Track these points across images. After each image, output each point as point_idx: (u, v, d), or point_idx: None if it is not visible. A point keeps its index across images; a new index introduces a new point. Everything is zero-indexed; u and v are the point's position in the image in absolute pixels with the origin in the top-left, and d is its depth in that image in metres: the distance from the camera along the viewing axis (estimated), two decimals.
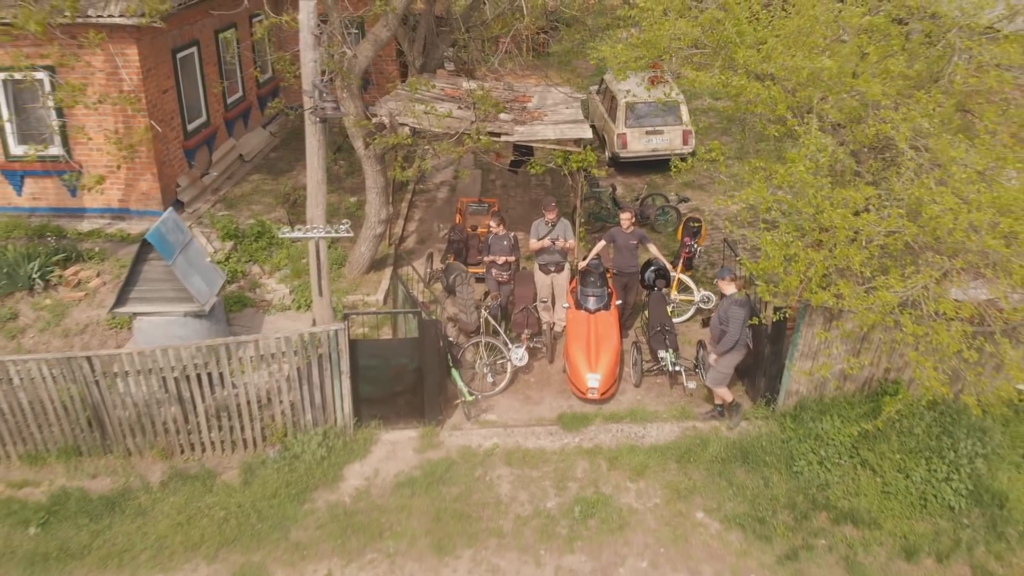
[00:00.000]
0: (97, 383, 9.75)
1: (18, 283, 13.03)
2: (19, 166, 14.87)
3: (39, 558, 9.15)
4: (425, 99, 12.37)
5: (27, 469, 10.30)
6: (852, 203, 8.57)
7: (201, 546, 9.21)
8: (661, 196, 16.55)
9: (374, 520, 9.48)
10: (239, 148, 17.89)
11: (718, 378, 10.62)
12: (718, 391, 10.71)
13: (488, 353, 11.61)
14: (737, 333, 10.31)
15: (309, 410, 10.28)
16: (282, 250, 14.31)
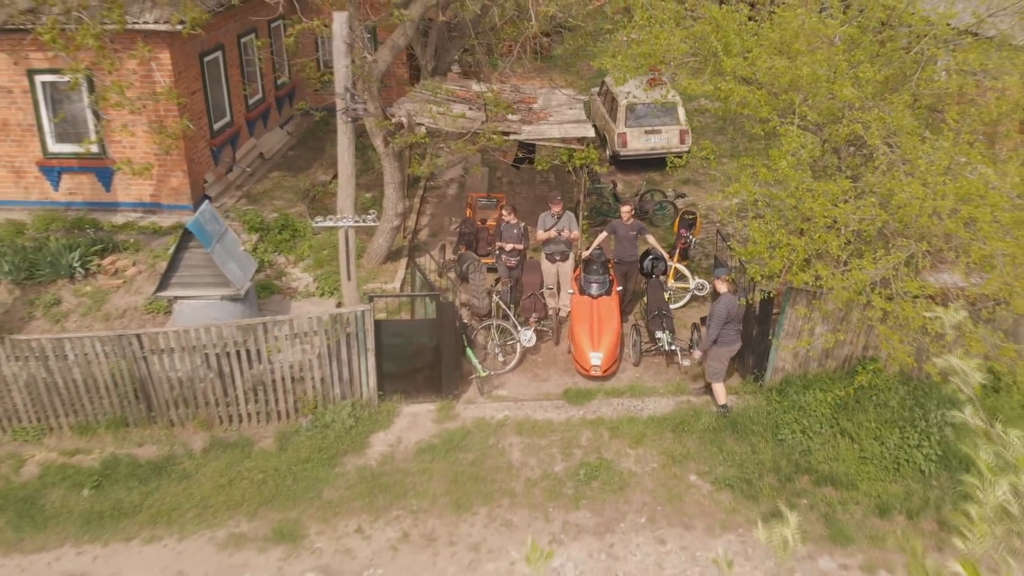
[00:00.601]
0: (145, 359, 10.70)
1: (60, 271, 13.98)
2: (57, 163, 15.81)
3: (94, 516, 10.10)
4: (440, 101, 13.31)
5: (78, 439, 11.25)
6: (831, 194, 9.54)
7: (242, 505, 10.16)
8: (659, 192, 17.51)
9: (398, 481, 10.43)
10: (260, 147, 18.84)
11: (712, 371, 11.49)
12: (715, 387, 11.56)
13: (499, 335, 12.57)
14: (715, 331, 11.17)
15: (338, 384, 11.23)
16: (305, 241, 15.27)
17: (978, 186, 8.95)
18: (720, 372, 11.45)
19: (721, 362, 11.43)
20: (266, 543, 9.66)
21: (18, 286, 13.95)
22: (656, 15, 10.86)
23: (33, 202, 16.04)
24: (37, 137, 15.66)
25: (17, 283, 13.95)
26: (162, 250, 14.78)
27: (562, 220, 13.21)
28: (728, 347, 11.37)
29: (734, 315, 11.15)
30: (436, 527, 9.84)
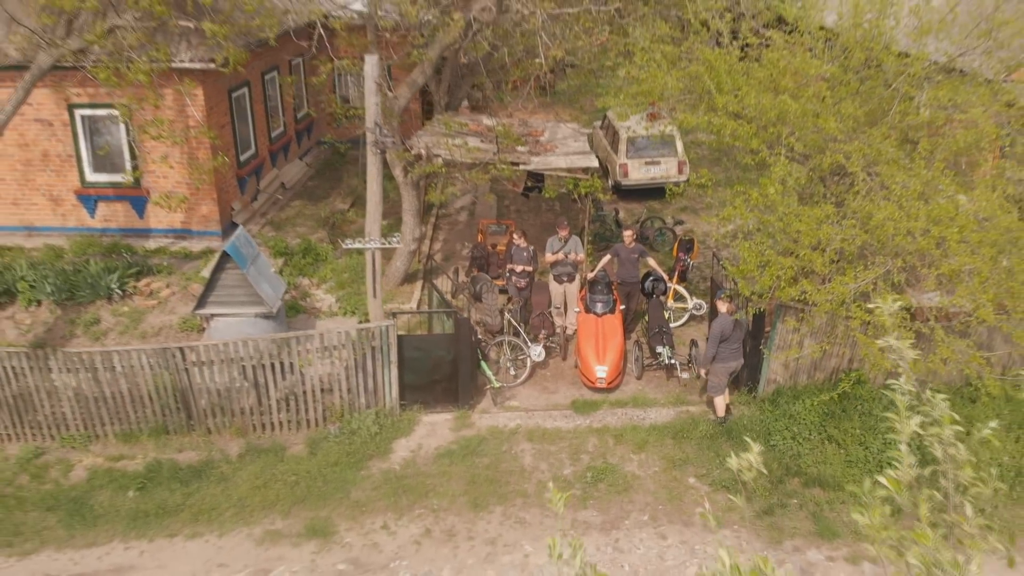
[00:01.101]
0: (187, 370, 11.57)
1: (99, 293, 14.87)
2: (94, 191, 16.77)
3: (140, 515, 10.91)
4: (454, 134, 14.29)
5: (122, 445, 12.08)
6: (815, 218, 10.45)
7: (276, 504, 10.97)
8: (659, 219, 18.45)
9: (420, 483, 11.24)
10: (281, 177, 19.83)
11: (711, 386, 12.33)
12: (715, 400, 12.39)
13: (510, 350, 13.43)
14: (712, 349, 11.99)
15: (363, 394, 12.08)
16: (327, 265, 16.18)
17: (948, 209, 9.87)
18: (719, 387, 12.25)
19: (720, 377, 12.24)
20: (299, 539, 10.46)
21: (59, 306, 14.85)
22: (654, 56, 11.87)
23: (70, 228, 16.98)
24: (76, 167, 16.63)
25: (58, 303, 14.85)
26: (193, 273, 15.70)
27: (568, 244, 14.13)
28: (726, 363, 12.18)
29: (729, 334, 11.98)
30: (456, 524, 10.64)
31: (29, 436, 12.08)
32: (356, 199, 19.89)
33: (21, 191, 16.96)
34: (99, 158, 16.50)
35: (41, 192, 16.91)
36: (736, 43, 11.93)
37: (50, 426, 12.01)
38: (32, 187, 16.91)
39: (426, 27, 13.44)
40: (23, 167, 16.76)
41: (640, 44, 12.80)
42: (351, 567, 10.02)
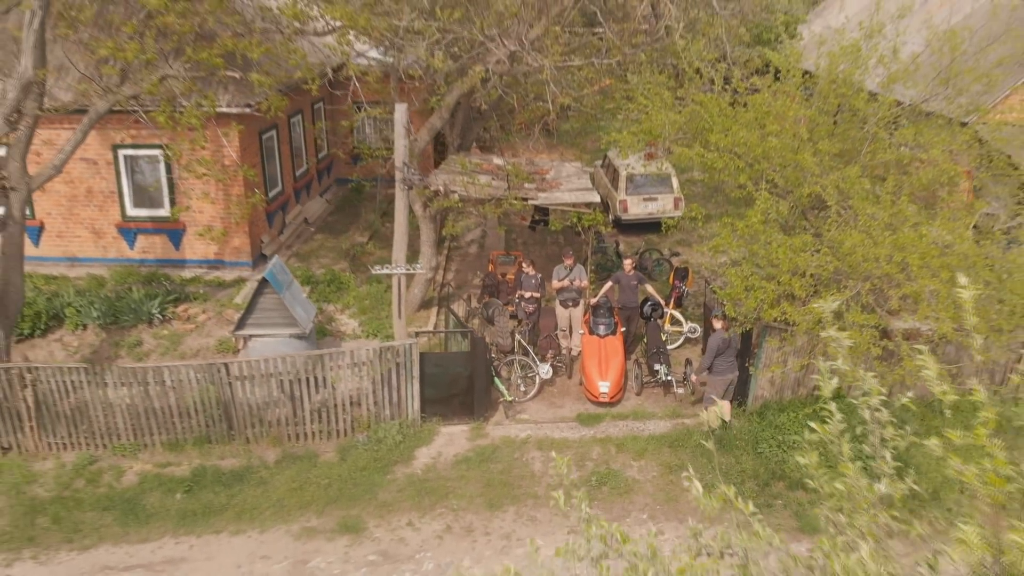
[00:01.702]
0: (230, 384, 12.71)
1: (141, 317, 16.06)
2: (134, 225, 18.03)
3: (188, 514, 11.98)
4: (468, 172, 15.56)
5: (168, 453, 13.18)
6: (794, 247, 11.67)
7: (311, 505, 12.05)
8: (657, 251, 19.68)
9: (440, 486, 12.33)
10: (304, 212, 21.11)
11: (708, 398, 13.46)
12: (709, 409, 13.49)
13: (521, 368, 14.58)
14: (708, 361, 13.16)
15: (388, 407, 13.21)
16: (350, 293, 17.38)
17: (911, 237, 11.09)
18: (715, 397, 13.39)
19: (716, 389, 13.38)
20: (333, 534, 11.53)
21: (104, 330, 16.02)
22: (653, 100, 13.19)
23: (111, 259, 18.22)
24: (117, 203, 17.92)
25: (104, 327, 16.03)
26: (227, 299, 16.90)
27: (573, 272, 15.34)
28: (723, 376, 13.31)
29: (723, 349, 13.14)
30: (473, 521, 11.71)
31: (84, 445, 13.18)
32: (373, 233, 21.18)
33: (66, 224, 18.22)
34: (139, 194, 17.80)
35: (84, 225, 18.17)
36: (727, 88, 13.26)
37: (103, 436, 13.11)
38: (76, 221, 18.17)
39: (446, 77, 14.71)
40: (68, 202, 18.04)
41: (640, 89, 14.13)
42: (381, 558, 11.08)
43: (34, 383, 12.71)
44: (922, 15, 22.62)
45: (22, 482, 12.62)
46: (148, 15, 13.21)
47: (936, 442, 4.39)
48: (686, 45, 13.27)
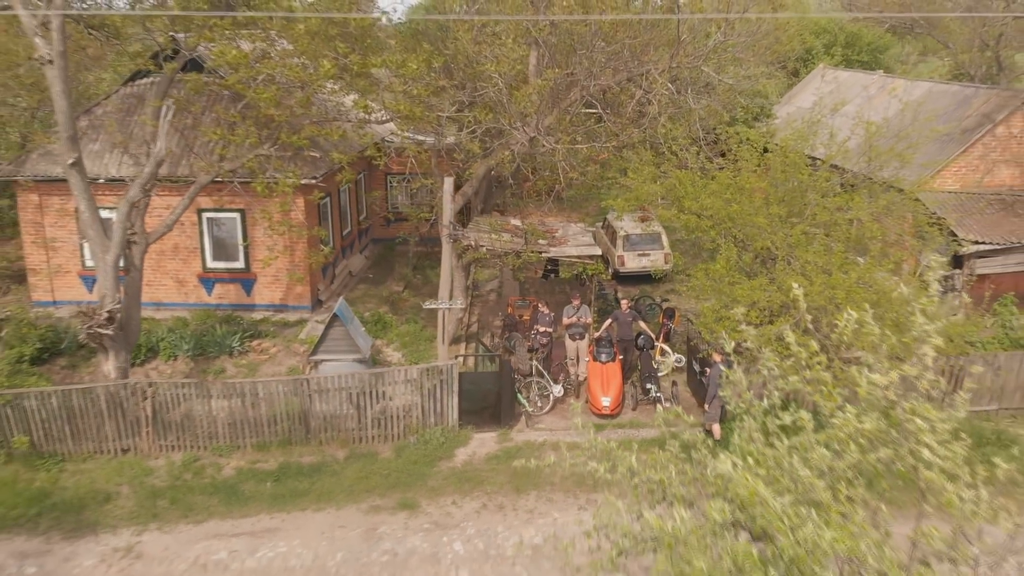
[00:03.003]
0: (310, 397, 15.84)
1: (224, 350, 19.23)
2: (212, 275, 21.34)
3: (278, 497, 14.97)
4: (494, 230, 18.89)
5: (257, 453, 16.22)
6: (753, 286, 14.90)
7: (375, 490, 15.05)
8: (650, 298, 22.91)
9: (476, 476, 15.35)
10: (348, 266, 24.43)
11: (710, 416, 16.46)
12: (713, 427, 16.51)
13: (537, 388, 17.69)
14: (714, 390, 16.24)
15: (432, 415, 16.29)
16: (393, 330, 20.57)
17: (840, 278, 14.32)
18: (715, 416, 16.38)
19: (716, 409, 16.37)
20: (394, 510, 14.52)
21: (193, 360, 19.19)
22: (639, 175, 16.60)
23: (191, 304, 21.47)
24: (199, 256, 21.24)
25: (192, 358, 19.20)
26: (292, 336, 20.10)
27: (579, 311, 18.55)
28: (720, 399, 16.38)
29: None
30: (503, 501, 14.71)
31: (189, 447, 16.22)
32: (407, 284, 24.48)
33: (154, 275, 21.50)
34: (217, 249, 21.15)
35: (170, 276, 21.47)
36: (697, 163, 16.69)
37: (205, 439, 16.17)
38: (163, 272, 21.47)
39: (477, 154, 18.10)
40: (157, 256, 21.34)
41: (632, 165, 17.57)
42: (433, 526, 14.08)
43: (152, 396, 15.84)
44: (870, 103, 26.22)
45: (141, 475, 15.65)
46: (246, 106, 16.72)
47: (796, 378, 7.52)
48: (667, 132, 16.75)
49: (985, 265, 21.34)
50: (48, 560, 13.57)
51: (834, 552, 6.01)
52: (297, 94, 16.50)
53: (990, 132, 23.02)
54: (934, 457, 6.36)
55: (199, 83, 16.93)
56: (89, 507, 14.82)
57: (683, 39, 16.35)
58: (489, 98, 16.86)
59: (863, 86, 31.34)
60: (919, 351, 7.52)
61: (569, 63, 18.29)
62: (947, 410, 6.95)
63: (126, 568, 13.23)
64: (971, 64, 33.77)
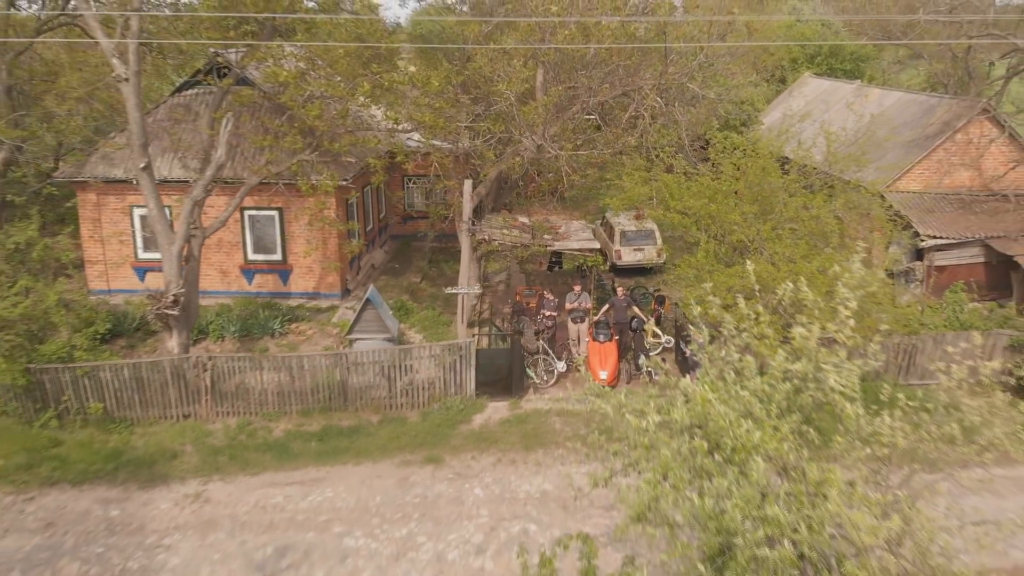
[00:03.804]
0: (347, 369, 18.17)
1: (267, 331, 21.57)
2: (252, 266, 23.68)
3: (322, 453, 17.29)
4: (504, 227, 21.23)
5: (302, 418, 18.53)
6: (729, 274, 17.22)
7: (405, 448, 17.37)
8: (644, 288, 25.26)
9: (491, 436, 17.67)
10: (371, 260, 26.78)
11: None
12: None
13: (543, 364, 20.02)
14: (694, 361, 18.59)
15: (453, 386, 18.62)
16: (414, 315, 22.91)
17: (803, 265, 16.64)
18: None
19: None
20: (422, 463, 16.84)
21: (239, 341, 21.54)
22: (631, 178, 18.95)
23: (233, 292, 23.80)
24: (241, 250, 23.59)
25: (238, 339, 21.54)
26: (326, 320, 22.44)
27: (580, 298, 20.89)
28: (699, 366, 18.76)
29: None
30: (515, 457, 17.05)
31: (242, 412, 18.55)
32: (424, 276, 26.83)
33: (201, 266, 23.80)
34: (257, 243, 23.50)
35: (215, 267, 23.80)
36: (682, 168, 19.04)
37: (256, 406, 18.51)
38: (208, 263, 23.77)
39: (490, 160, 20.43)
40: (203, 249, 23.60)
41: (625, 170, 19.92)
42: (456, 476, 16.42)
43: (211, 368, 18.18)
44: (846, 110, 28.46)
45: (202, 436, 17.99)
46: (290, 117, 19.06)
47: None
48: (656, 140, 19.11)
49: (943, 258, 23.69)
50: (128, 505, 15.91)
51: (763, 450, 8.30)
52: (335, 107, 18.85)
53: (950, 138, 25.32)
54: (836, 384, 8.66)
55: (250, 97, 19.30)
56: (159, 463, 17.15)
57: (670, 59, 18.68)
58: (501, 111, 19.19)
59: (843, 94, 33.67)
60: (841, 314, 9.78)
61: (572, 78, 20.64)
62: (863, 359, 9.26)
63: (197, 510, 15.56)
64: (944, 74, 36.03)
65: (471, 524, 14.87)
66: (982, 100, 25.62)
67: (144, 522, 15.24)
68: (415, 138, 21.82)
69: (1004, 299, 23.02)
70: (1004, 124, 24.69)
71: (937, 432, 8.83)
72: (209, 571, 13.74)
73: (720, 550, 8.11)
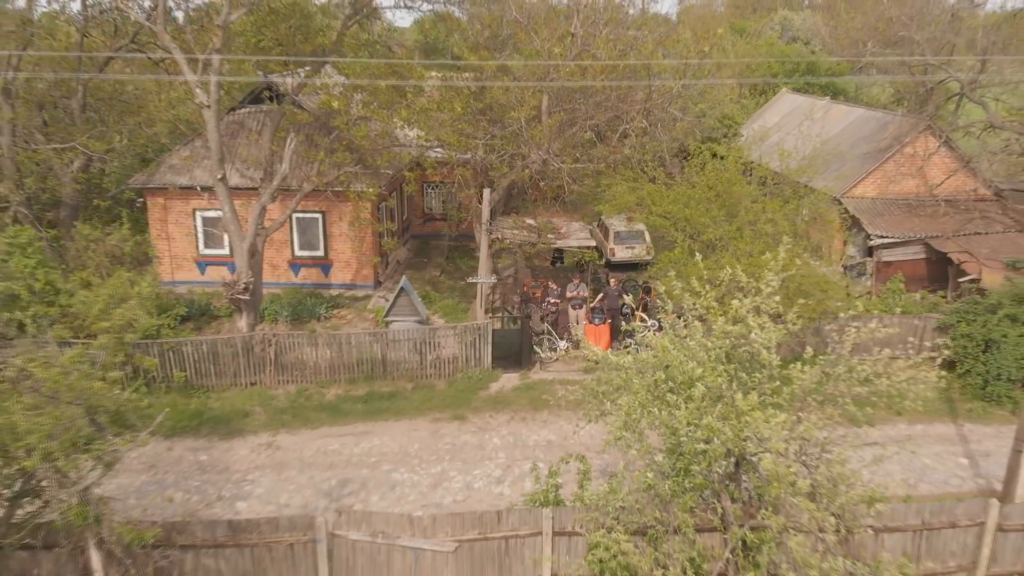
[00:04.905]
0: (386, 345, 21.70)
1: (314, 315, 25.11)
2: (299, 261, 27.21)
3: (367, 412, 20.80)
4: (516, 227, 24.74)
5: (349, 385, 22.06)
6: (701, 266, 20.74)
7: (435, 408, 20.89)
8: (634, 281, 28.78)
9: (505, 400, 21.21)
10: (396, 256, 30.33)
11: None
12: None
13: (548, 342, 23.56)
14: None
15: (473, 360, 22.14)
16: (436, 303, 26.45)
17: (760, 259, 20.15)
18: None
19: None
20: (450, 420, 20.37)
21: (290, 323, 25.08)
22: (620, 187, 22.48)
23: (282, 283, 27.33)
24: (289, 247, 27.12)
25: (290, 322, 25.08)
26: (362, 307, 25.98)
27: (579, 287, 24.41)
28: None
29: None
30: (525, 415, 20.58)
31: (299, 381, 22.08)
32: (443, 271, 30.38)
33: None
34: (303, 240, 27.04)
35: (266, 261, 27.20)
36: (662, 179, 22.56)
37: (311, 375, 22.04)
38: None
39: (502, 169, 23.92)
40: None
41: (615, 180, 23.45)
42: (477, 429, 19.95)
43: (275, 344, 21.71)
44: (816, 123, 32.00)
45: (268, 400, 21.52)
46: (337, 137, 22.61)
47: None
48: (641, 156, 22.65)
49: (890, 254, 27.20)
50: (213, 452, 19.44)
51: (703, 382, 11.78)
52: (376, 127, 22.40)
53: (900, 151, 28.87)
54: (759, 339, 12.15)
55: (305, 119, 22.85)
56: (234, 420, 20.69)
57: (653, 89, 22.23)
58: (513, 131, 22.73)
59: (814, 108, 37.20)
60: (764, 291, 13.24)
61: (571, 103, 24.18)
62: (785, 325, 12.78)
63: (271, 455, 19.10)
64: (905, 89, 39.50)
65: (491, 463, 18.42)
66: (926, 118, 29.13)
67: (228, 464, 18.78)
68: (439, 151, 25.33)
69: (941, 289, 26.54)
70: (941, 138, 28.18)
71: (842, 379, 12.20)
72: (287, 497, 17.28)
73: (673, 448, 11.65)
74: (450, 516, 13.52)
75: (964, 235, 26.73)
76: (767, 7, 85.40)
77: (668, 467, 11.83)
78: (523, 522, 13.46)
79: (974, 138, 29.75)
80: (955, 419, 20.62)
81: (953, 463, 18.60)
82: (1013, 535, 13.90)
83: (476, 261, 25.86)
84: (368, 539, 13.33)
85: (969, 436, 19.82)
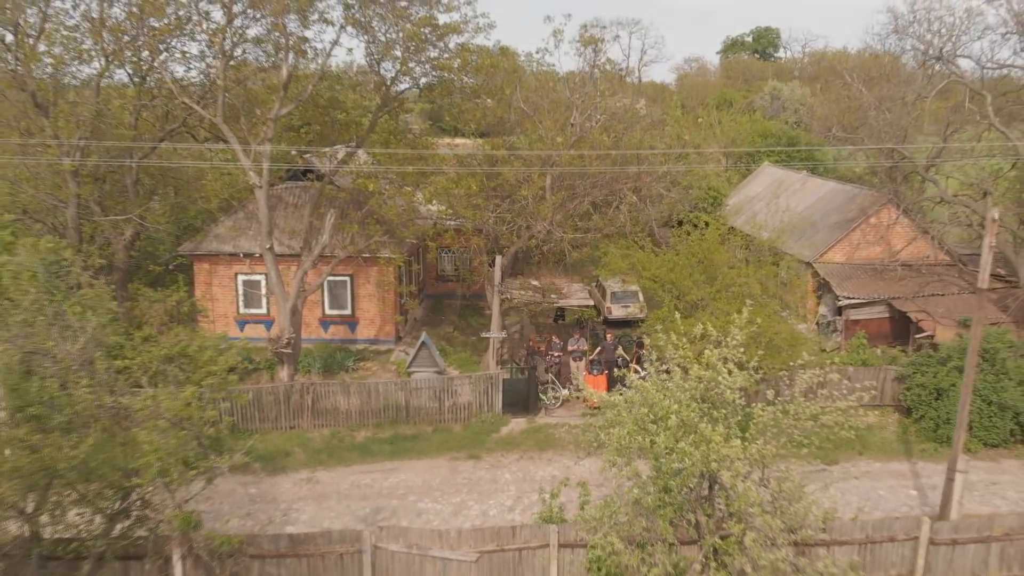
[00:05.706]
0: (409, 392, 24.40)
1: (343, 367, 27.84)
2: (328, 319, 30.05)
3: (393, 452, 23.37)
4: (522, 288, 27.62)
5: (375, 428, 24.62)
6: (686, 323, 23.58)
7: (453, 448, 23.47)
8: (629, 336, 31.56)
9: (514, 441, 23.80)
10: (414, 314, 33.19)
11: None
12: None
13: (552, 391, 26.24)
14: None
15: (486, 406, 24.81)
16: (451, 357, 29.19)
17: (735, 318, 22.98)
18: None
19: None
20: (466, 459, 22.93)
21: (322, 375, 27.79)
22: (613, 254, 25.44)
23: (312, 339, 30.08)
24: (320, 306, 29.98)
25: (321, 373, 27.81)
26: (385, 360, 28.74)
27: (579, 341, 27.20)
28: None
29: None
30: (533, 455, 23.15)
31: (332, 425, 24.67)
32: (455, 327, 33.20)
33: None
34: (333, 299, 29.92)
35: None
36: (649, 247, 25.55)
37: (340, 420, 24.66)
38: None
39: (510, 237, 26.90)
40: None
41: (608, 249, 26.44)
42: (490, 466, 22.52)
43: (312, 392, 24.40)
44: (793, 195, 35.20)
45: (305, 441, 24.10)
46: (368, 212, 25.67)
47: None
48: (632, 227, 25.69)
49: (857, 314, 30.02)
50: (261, 485, 21.99)
51: (677, 415, 14.45)
52: (401, 202, 25.49)
53: (865, 221, 31.92)
54: (726, 382, 14.88)
55: (343, 195, 25.96)
56: (277, 459, 23.25)
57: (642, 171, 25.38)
58: (521, 206, 25.81)
59: (792, 181, 40.44)
60: (731, 343, 15.99)
61: (571, 178, 27.31)
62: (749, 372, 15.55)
63: (311, 488, 21.65)
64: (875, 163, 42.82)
65: (504, 495, 20.98)
66: (888, 192, 32.28)
67: (275, 495, 21.33)
68: (454, 222, 28.37)
69: (903, 345, 29.30)
70: (900, 210, 31.26)
71: (792, 416, 14.87)
72: (329, 523, 19.78)
73: (656, 468, 14.33)
74: (472, 531, 16.09)
75: (923, 296, 29.58)
76: (758, 76, 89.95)
77: (652, 485, 14.47)
78: (534, 536, 16.00)
79: (930, 210, 32.84)
80: (909, 457, 23.19)
81: (904, 494, 21.14)
82: (944, 548, 16.42)
83: (485, 318, 28.73)
84: (404, 550, 15.88)
85: (921, 472, 22.37)
